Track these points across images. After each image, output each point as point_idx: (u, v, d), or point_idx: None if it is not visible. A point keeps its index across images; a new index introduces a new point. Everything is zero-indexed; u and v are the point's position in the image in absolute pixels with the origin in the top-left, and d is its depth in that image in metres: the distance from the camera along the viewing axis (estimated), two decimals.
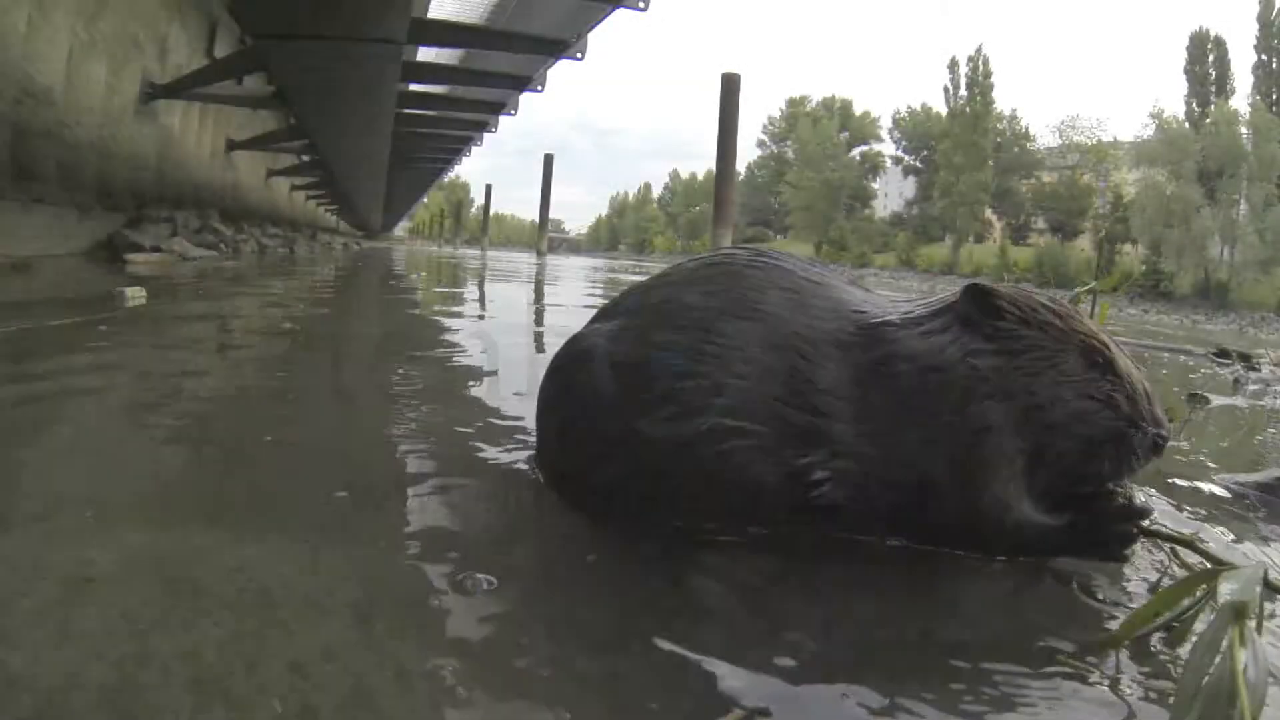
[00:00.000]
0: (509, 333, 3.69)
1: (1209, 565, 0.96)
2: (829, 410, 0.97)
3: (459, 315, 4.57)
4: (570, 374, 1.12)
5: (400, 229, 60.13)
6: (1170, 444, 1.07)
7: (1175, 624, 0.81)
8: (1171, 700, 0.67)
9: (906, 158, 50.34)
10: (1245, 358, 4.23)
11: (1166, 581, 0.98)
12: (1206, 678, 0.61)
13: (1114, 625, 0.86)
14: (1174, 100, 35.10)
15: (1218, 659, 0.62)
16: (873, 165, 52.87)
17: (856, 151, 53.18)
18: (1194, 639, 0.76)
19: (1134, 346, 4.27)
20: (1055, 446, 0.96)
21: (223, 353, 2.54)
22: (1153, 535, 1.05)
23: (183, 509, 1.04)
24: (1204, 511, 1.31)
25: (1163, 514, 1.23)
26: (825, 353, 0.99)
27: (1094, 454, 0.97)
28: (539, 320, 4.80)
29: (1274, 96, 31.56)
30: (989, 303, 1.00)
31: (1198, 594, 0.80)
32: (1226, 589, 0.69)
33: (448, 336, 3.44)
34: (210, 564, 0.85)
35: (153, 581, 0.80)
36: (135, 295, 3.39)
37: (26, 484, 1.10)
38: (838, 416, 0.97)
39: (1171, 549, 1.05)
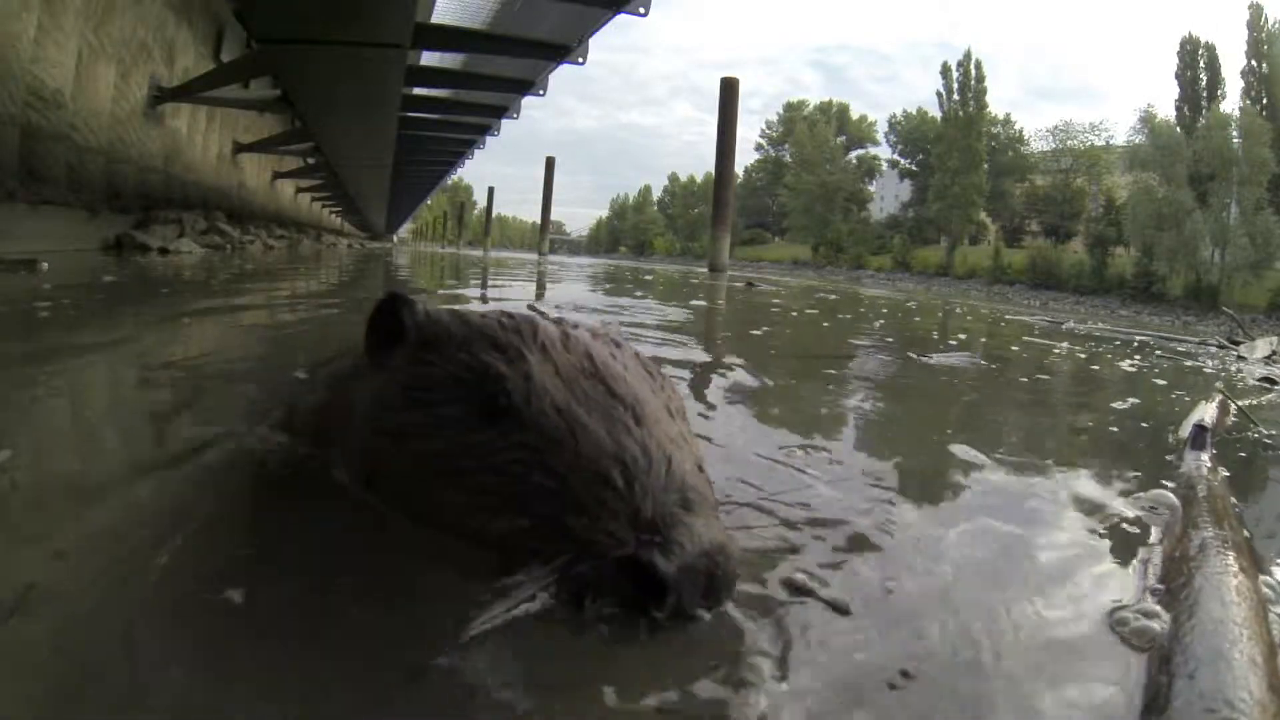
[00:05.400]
0: None
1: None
2: None
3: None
4: None
5: (404, 230, 60.03)
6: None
7: None
8: None
9: (902, 161, 50.58)
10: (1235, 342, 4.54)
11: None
12: None
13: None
14: (1165, 105, 35.26)
15: None
16: (869, 168, 53.11)
17: (853, 155, 53.45)
18: None
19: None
20: None
21: None
22: None
23: None
24: None
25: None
26: None
27: None
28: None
29: (1264, 101, 31.87)
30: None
31: None
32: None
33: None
34: None
35: None
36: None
37: None
38: None
39: None
